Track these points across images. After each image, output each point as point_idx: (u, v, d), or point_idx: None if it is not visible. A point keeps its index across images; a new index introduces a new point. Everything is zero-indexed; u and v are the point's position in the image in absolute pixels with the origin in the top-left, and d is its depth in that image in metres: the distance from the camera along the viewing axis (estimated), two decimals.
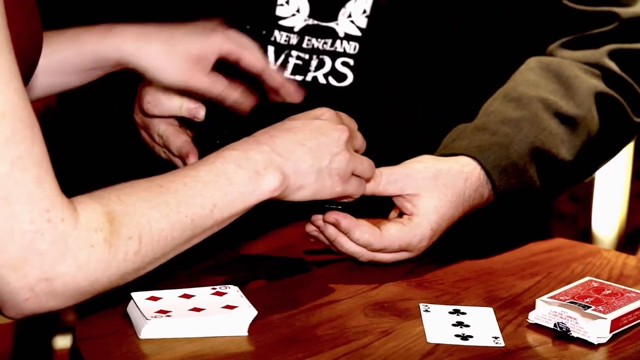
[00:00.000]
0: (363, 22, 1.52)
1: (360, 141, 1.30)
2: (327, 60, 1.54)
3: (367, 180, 1.31)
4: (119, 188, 1.09)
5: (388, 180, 1.35)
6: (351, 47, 1.53)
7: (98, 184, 1.11)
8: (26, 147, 1.00)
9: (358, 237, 1.33)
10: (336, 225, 1.33)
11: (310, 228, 1.36)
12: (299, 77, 1.54)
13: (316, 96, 1.51)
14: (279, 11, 1.55)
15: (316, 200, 1.27)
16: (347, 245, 1.34)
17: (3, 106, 0.99)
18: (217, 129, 1.34)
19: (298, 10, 1.54)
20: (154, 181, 1.11)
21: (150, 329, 1.15)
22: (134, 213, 1.07)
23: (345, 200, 1.30)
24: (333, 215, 1.32)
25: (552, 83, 1.49)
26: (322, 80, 1.53)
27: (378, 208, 1.40)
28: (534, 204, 1.45)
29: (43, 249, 1.01)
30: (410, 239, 1.35)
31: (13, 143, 0.99)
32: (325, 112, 1.27)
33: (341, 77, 1.54)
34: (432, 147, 1.47)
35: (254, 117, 1.30)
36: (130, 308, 1.20)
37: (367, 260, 1.36)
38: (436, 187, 1.36)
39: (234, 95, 1.36)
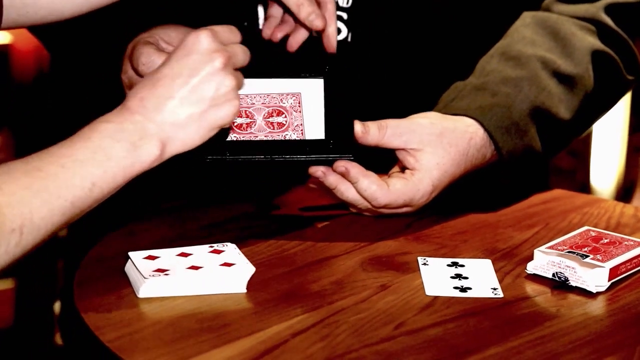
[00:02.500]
0: None
1: (241, 57, 1.22)
2: None
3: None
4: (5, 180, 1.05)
5: (393, 132, 1.35)
6: (344, 1, 1.52)
7: None
8: None
9: (365, 187, 1.33)
10: (344, 174, 1.33)
11: (312, 179, 1.36)
12: None
13: (309, 49, 1.50)
14: None
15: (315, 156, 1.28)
16: (347, 193, 1.34)
17: None
18: None
19: None
20: (31, 164, 1.08)
21: (148, 288, 1.15)
22: (15, 203, 1.04)
23: None
24: (342, 164, 1.32)
25: (549, 41, 1.48)
26: (315, 34, 1.52)
27: (378, 165, 1.40)
28: (534, 163, 1.45)
29: None
30: (414, 194, 1.35)
31: None
32: (198, 41, 1.17)
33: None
34: (429, 102, 1.47)
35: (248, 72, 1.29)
36: (128, 267, 1.20)
37: (365, 209, 1.36)
38: (440, 144, 1.36)
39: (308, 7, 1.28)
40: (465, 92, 1.44)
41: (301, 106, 1.34)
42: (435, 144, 1.36)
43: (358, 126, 1.33)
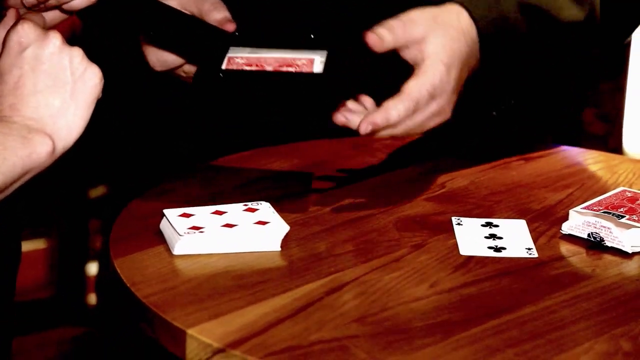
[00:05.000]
0: None
1: (39, 18, 1.21)
2: None
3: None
4: None
5: (402, 29, 1.34)
6: None
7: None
8: None
9: (395, 113, 1.32)
10: (376, 129, 1.32)
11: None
12: None
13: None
14: None
15: None
16: (396, 129, 1.34)
17: None
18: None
19: None
20: None
21: (183, 245, 1.16)
22: None
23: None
24: (364, 126, 1.31)
25: None
26: None
27: None
28: (533, 66, 1.43)
29: None
30: (431, 81, 1.33)
31: None
32: (24, 34, 1.16)
33: None
34: None
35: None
36: (163, 225, 1.20)
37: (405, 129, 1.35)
38: (437, 25, 1.35)
39: None
40: None
41: (313, 65, 1.32)
42: (433, 27, 1.35)
43: (371, 36, 1.32)
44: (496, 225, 1.25)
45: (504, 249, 1.20)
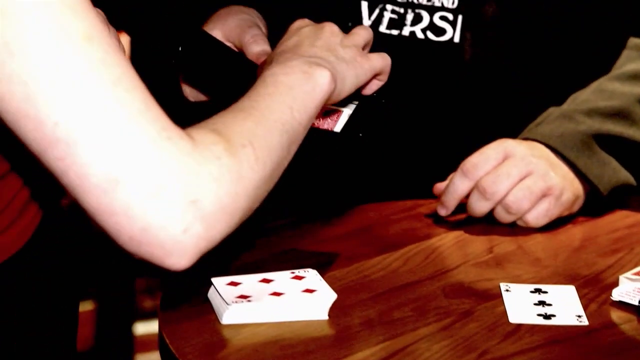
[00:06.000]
0: None
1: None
2: (425, 15, 1.52)
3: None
4: (206, 120, 1.06)
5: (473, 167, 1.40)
6: (449, 1, 1.51)
7: None
8: (122, 70, 0.96)
9: (454, 183, 1.40)
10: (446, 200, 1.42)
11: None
12: (394, 32, 1.52)
13: (415, 50, 1.51)
14: None
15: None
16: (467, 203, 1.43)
17: (88, 30, 0.95)
18: None
19: None
20: (229, 107, 1.09)
21: (231, 314, 1.16)
22: (234, 125, 1.04)
23: (378, 81, 1.28)
24: (437, 193, 1.42)
25: None
26: (420, 35, 1.52)
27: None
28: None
29: (173, 168, 0.96)
30: (482, 150, 1.41)
31: (108, 65, 0.96)
32: (303, 23, 1.26)
33: (440, 31, 1.52)
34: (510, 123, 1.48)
35: None
36: (211, 294, 1.20)
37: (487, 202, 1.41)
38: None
39: None
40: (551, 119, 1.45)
41: (339, 118, 1.32)
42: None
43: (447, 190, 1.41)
44: (545, 292, 1.24)
45: (554, 316, 1.19)
